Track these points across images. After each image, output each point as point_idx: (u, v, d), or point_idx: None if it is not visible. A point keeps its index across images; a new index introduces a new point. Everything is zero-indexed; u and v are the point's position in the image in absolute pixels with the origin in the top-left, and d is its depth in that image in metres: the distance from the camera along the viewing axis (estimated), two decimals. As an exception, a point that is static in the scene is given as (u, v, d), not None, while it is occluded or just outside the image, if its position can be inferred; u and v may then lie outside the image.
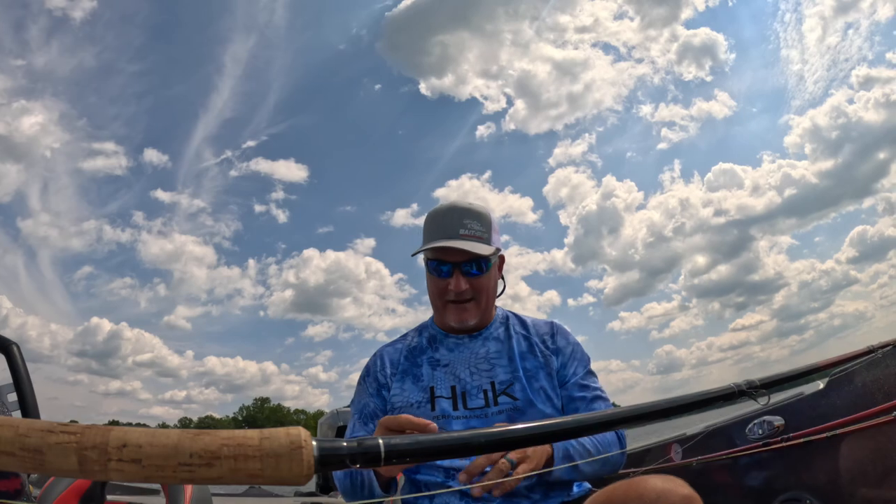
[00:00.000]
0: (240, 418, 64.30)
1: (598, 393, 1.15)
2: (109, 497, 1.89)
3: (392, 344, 1.28)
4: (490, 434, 0.37)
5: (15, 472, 1.37)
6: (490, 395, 1.11)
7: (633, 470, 2.30)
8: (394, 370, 1.20)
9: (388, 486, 1.04)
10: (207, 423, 63.37)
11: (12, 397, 1.98)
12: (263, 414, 64.42)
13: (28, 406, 1.99)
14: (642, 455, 2.70)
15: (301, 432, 0.31)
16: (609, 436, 1.08)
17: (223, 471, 0.30)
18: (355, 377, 1.27)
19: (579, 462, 0.98)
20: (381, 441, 0.33)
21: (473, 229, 1.14)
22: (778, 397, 2.08)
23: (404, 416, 0.85)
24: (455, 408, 1.11)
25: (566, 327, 1.25)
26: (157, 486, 2.19)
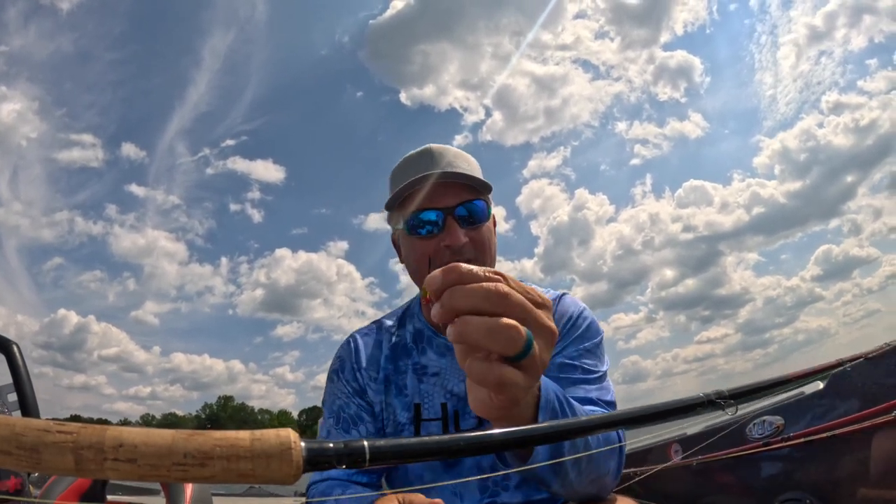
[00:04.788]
0: (203, 416, 62.75)
1: (581, 374, 0.87)
2: (110, 497, 1.90)
3: (368, 333, 1.03)
4: (471, 438, 0.39)
5: (15, 472, 1.38)
6: None
7: (633, 470, 2.30)
8: (374, 373, 0.98)
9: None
10: (170, 421, 62.03)
11: (12, 397, 1.99)
12: (226, 413, 62.66)
13: (28, 406, 1.99)
14: (643, 455, 2.70)
15: (290, 434, 0.32)
16: (611, 436, 0.76)
17: (216, 470, 0.30)
18: (322, 378, 1.07)
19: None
20: (365, 443, 0.34)
21: (461, 167, 0.88)
22: (772, 399, 2.09)
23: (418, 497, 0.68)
24: (446, 431, 0.91)
25: (571, 298, 0.98)
26: (157, 485, 2.20)
